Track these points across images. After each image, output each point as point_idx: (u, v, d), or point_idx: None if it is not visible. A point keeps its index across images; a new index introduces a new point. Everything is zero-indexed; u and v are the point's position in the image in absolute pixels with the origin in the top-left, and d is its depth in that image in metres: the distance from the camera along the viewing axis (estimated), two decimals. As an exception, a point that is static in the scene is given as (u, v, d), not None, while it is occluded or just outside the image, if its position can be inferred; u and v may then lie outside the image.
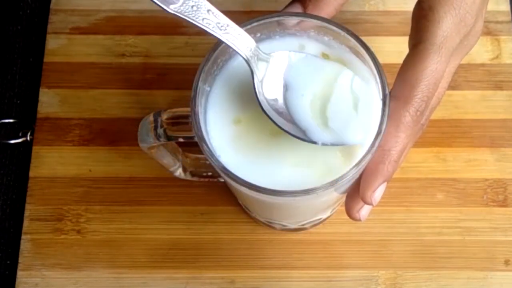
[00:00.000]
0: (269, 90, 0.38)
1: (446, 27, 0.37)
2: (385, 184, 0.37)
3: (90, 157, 0.53)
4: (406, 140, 0.37)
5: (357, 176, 0.40)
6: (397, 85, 0.37)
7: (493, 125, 0.54)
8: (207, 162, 0.41)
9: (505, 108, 0.54)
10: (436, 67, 0.36)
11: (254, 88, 0.37)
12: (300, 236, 0.51)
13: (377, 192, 0.37)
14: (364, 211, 0.39)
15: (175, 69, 0.56)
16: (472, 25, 0.38)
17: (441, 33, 0.37)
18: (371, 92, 0.38)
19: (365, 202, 0.38)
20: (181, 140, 0.41)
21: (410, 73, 0.36)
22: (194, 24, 0.34)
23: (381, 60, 0.39)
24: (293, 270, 0.51)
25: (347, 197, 0.41)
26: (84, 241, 0.51)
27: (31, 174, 0.53)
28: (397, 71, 0.42)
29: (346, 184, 0.38)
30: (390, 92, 0.37)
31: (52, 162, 0.53)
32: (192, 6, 0.35)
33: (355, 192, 0.39)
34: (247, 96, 0.39)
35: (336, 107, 0.37)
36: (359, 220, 0.39)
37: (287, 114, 0.37)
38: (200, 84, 0.38)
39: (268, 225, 0.51)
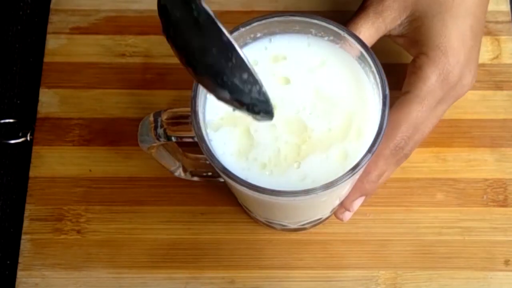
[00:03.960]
0: None
1: (431, 83, 0.44)
2: (363, 197, 0.46)
3: (90, 157, 0.53)
4: (384, 167, 0.45)
5: (357, 176, 0.40)
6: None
7: (493, 125, 0.54)
8: (207, 162, 0.41)
9: (505, 108, 0.54)
10: (417, 114, 0.44)
11: None
12: (300, 236, 0.51)
13: (355, 202, 0.46)
14: (346, 214, 0.47)
15: (175, 69, 0.56)
16: (456, 81, 0.45)
17: (426, 89, 0.44)
18: None
19: (345, 208, 0.46)
20: (181, 140, 0.41)
21: (396, 116, 0.44)
22: None
23: (382, 60, 0.39)
24: (293, 270, 0.51)
25: None
26: (84, 241, 0.51)
27: (31, 174, 0.53)
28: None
29: (345, 184, 0.38)
30: None
31: (52, 162, 0.53)
32: None
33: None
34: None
35: None
36: (342, 220, 0.48)
37: None
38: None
39: (268, 225, 0.51)
